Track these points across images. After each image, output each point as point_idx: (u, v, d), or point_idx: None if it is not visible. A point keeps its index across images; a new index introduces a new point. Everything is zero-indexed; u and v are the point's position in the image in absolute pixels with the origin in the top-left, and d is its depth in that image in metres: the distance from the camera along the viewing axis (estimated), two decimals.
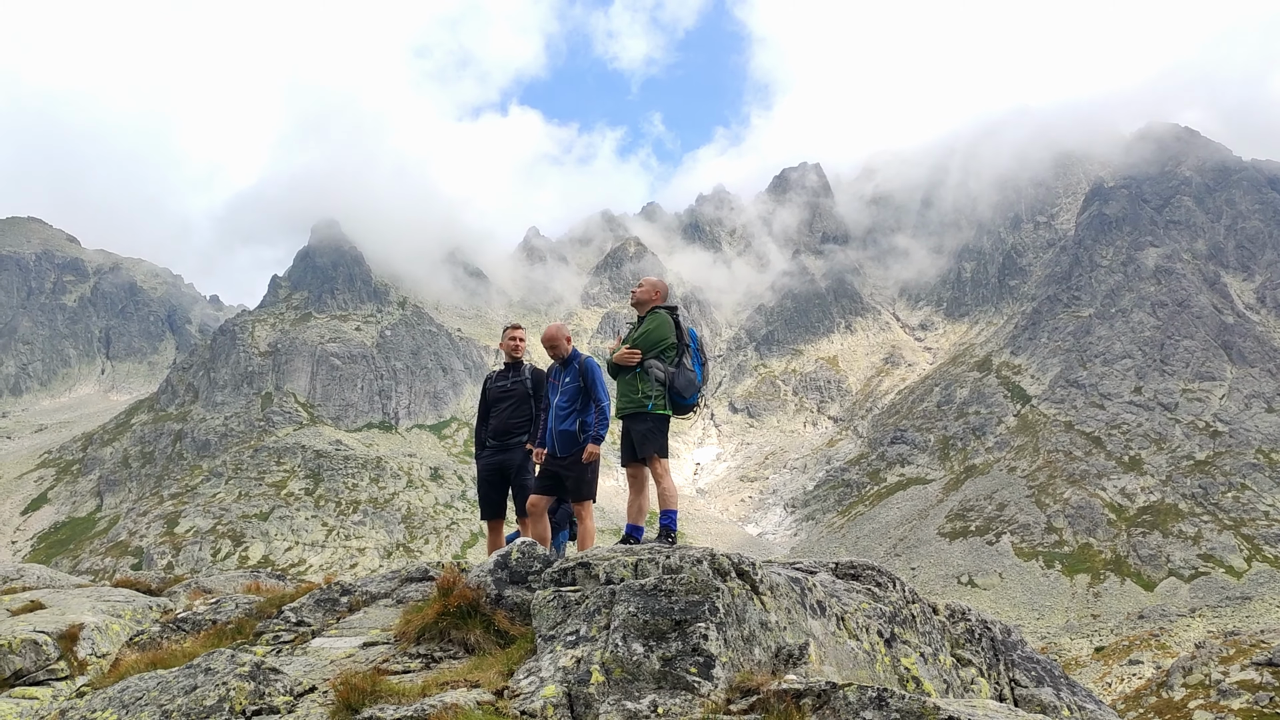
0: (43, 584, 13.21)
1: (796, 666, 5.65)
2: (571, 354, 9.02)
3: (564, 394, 8.78)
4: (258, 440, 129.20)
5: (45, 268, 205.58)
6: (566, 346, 9.01)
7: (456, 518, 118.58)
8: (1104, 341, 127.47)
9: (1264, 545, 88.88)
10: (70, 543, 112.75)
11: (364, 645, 6.64)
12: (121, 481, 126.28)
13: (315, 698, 5.66)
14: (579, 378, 8.73)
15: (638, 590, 5.55)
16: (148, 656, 7.43)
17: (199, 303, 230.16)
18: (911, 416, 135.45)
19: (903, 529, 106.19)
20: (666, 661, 5.22)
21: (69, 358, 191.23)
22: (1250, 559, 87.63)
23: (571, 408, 8.70)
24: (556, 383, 8.96)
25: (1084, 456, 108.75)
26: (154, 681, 5.92)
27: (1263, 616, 75.17)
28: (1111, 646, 72.74)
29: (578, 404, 8.70)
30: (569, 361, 8.95)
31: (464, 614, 6.44)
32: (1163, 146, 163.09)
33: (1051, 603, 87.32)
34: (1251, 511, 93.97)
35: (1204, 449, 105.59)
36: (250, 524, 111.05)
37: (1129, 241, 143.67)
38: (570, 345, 9.04)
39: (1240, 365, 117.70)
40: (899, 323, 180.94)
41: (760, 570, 6.07)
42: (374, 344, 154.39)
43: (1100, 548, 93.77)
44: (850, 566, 8.06)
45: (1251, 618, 75.01)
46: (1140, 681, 53.97)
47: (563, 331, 9.11)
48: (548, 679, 5.29)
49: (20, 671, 8.50)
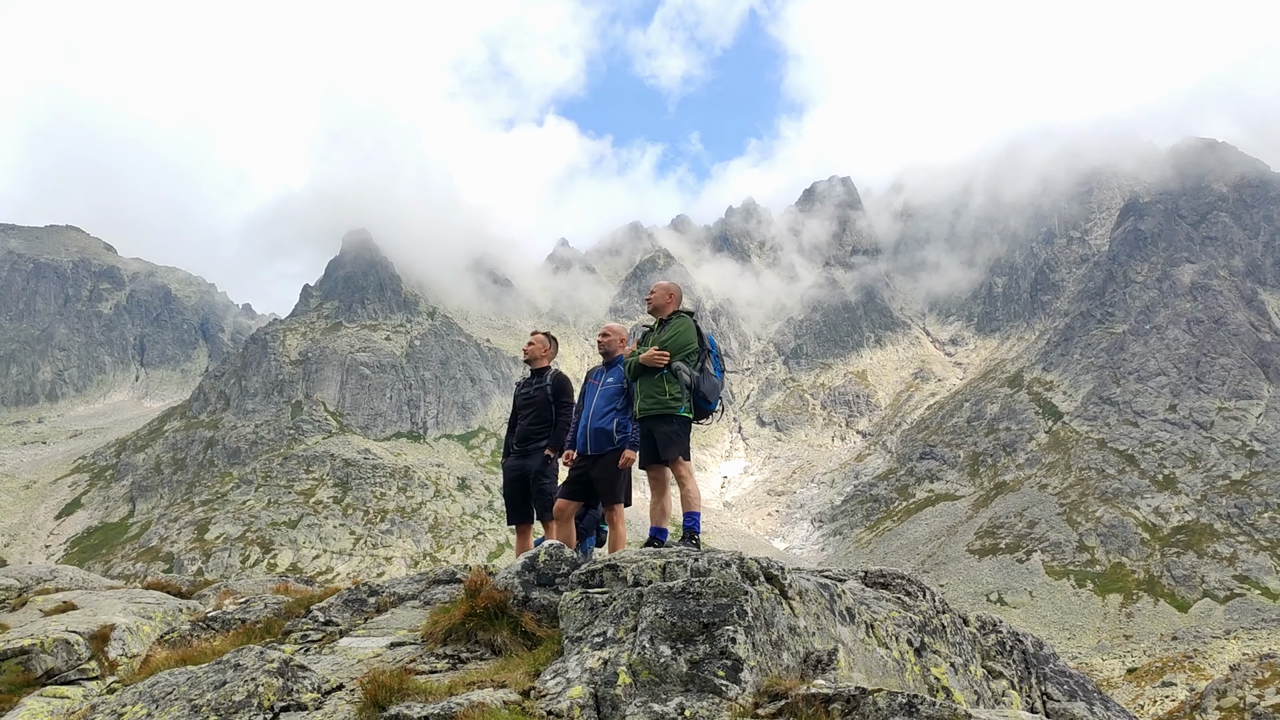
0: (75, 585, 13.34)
1: (825, 672, 5.60)
2: (618, 357, 9.04)
3: (604, 394, 8.79)
4: (287, 448, 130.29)
5: (82, 276, 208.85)
6: (619, 348, 9.04)
7: (483, 528, 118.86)
8: (1138, 358, 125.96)
9: None
10: (102, 548, 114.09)
11: (391, 645, 6.65)
12: (153, 488, 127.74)
13: (343, 695, 5.68)
14: (623, 380, 8.75)
15: (665, 592, 5.53)
16: (178, 654, 7.49)
17: (231, 311, 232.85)
18: (941, 432, 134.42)
19: (931, 545, 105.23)
20: (694, 664, 5.19)
21: (104, 365, 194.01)
22: None
23: (610, 407, 8.70)
24: (597, 383, 8.98)
25: (1117, 475, 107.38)
26: (184, 677, 5.96)
27: None
28: (1144, 668, 71.58)
29: (617, 404, 8.72)
30: (614, 362, 8.99)
31: (491, 615, 6.44)
32: (1198, 161, 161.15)
33: (1083, 622, 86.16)
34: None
35: (1240, 468, 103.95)
36: (279, 531, 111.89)
37: (1164, 257, 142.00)
38: (625, 348, 9.06)
39: (1278, 384, 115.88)
40: (929, 337, 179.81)
41: (789, 575, 6.02)
42: (403, 354, 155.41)
43: (1133, 567, 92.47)
44: (880, 575, 7.98)
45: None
46: (1173, 704, 53.04)
47: (621, 333, 9.17)
48: (574, 680, 5.27)
49: (52, 671, 8.59)
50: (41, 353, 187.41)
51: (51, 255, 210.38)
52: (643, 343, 8.40)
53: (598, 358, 9.33)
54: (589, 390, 9.02)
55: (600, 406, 8.72)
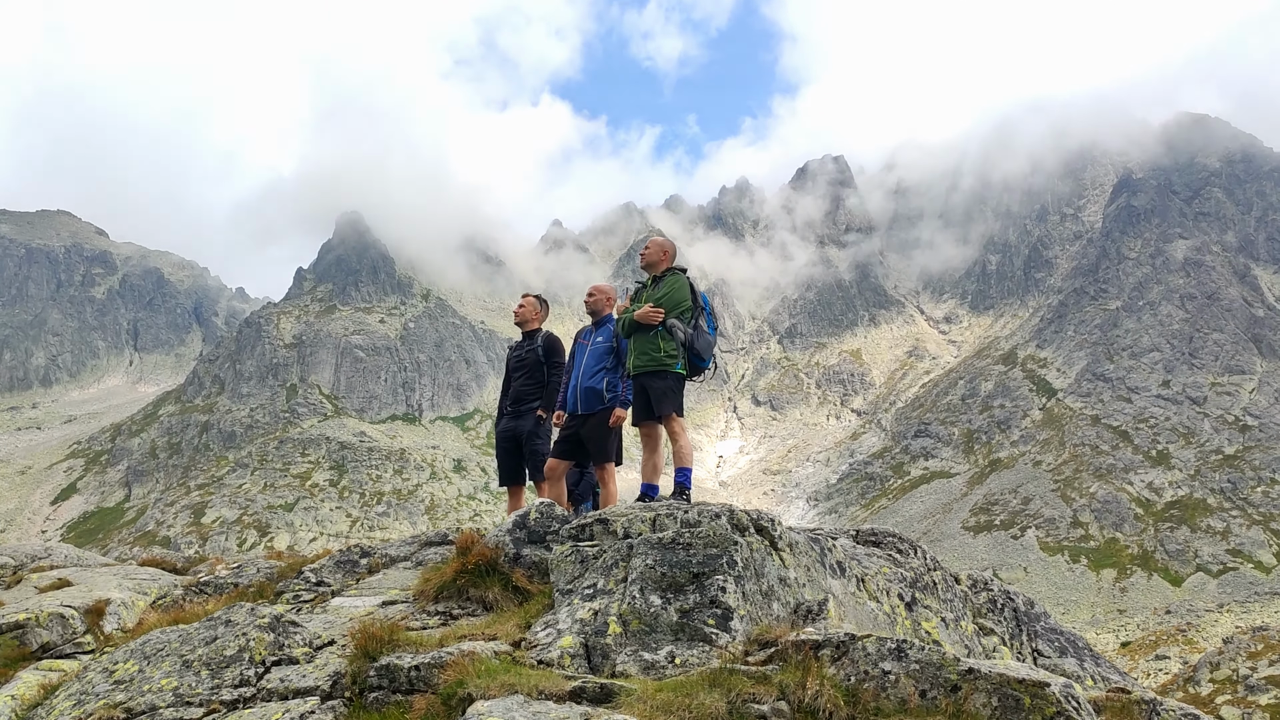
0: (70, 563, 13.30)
1: (815, 622, 5.62)
2: (606, 316, 9.03)
3: (593, 353, 8.81)
4: (283, 432, 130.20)
5: (74, 260, 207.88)
6: (607, 307, 9.04)
7: (480, 509, 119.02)
8: (1131, 335, 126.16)
9: None
10: (99, 532, 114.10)
11: (383, 604, 6.66)
12: (149, 472, 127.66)
13: (334, 650, 5.69)
14: (612, 338, 8.75)
15: (655, 543, 5.53)
16: (170, 615, 7.50)
17: (225, 294, 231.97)
18: (935, 410, 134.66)
19: (926, 523, 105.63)
20: (684, 614, 5.20)
21: (98, 349, 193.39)
22: (1279, 554, 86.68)
23: (600, 366, 8.71)
24: (586, 342, 8.99)
25: (1111, 450, 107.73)
26: (175, 634, 5.97)
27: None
28: (1138, 641, 72.12)
29: (607, 363, 8.72)
30: (603, 322, 8.99)
31: (482, 572, 6.45)
32: (1189, 137, 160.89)
33: (1077, 597, 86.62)
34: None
35: (1233, 443, 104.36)
36: (275, 514, 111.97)
37: (1157, 234, 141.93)
38: (614, 307, 9.05)
39: (1270, 359, 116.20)
40: (923, 315, 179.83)
41: (779, 527, 6.03)
42: (398, 336, 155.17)
43: (1127, 542, 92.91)
44: (871, 534, 8.00)
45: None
46: (1167, 677, 53.45)
47: (609, 292, 9.17)
48: (565, 630, 5.29)
49: (47, 645, 8.58)
50: (35, 338, 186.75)
51: (43, 240, 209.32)
52: (636, 299, 8.36)
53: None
54: (578, 350, 9.03)
55: (590, 365, 8.73)
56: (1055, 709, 4.43)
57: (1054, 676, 4.98)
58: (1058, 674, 7.86)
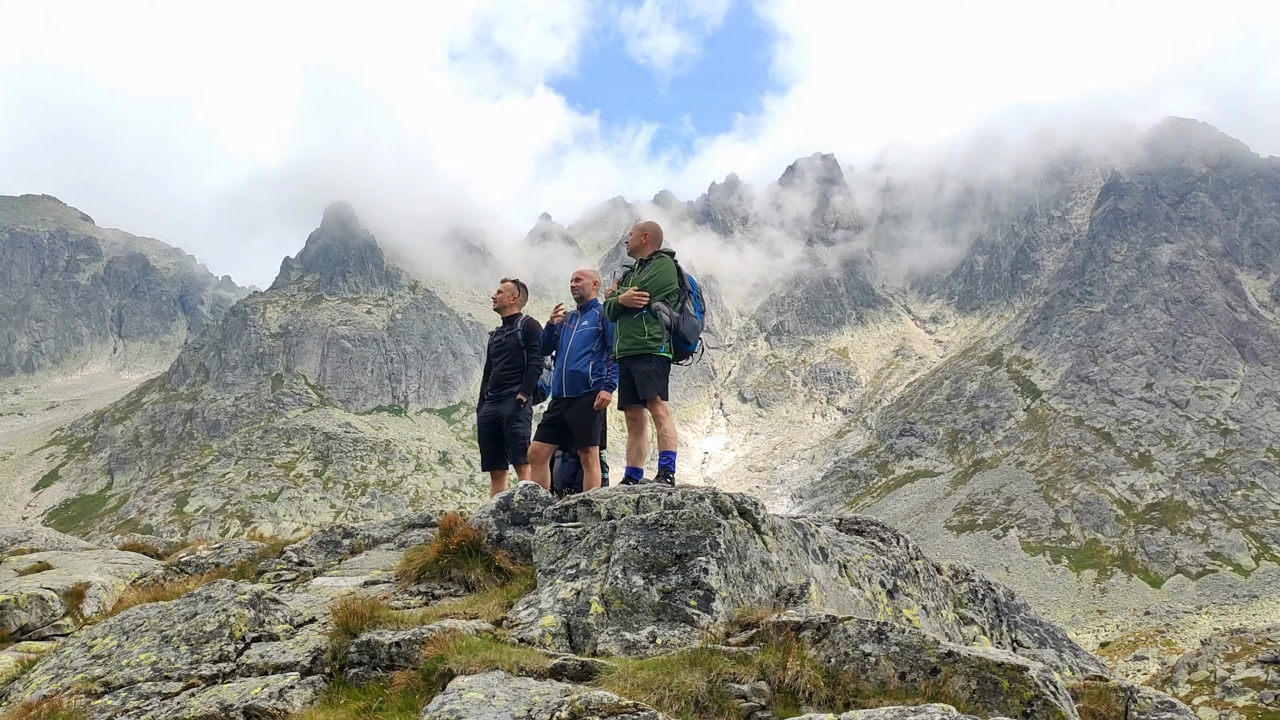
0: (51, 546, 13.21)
1: (797, 605, 5.63)
2: (591, 301, 9.04)
3: (579, 336, 8.83)
4: (267, 421, 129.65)
5: (59, 246, 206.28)
6: (593, 291, 9.07)
7: (464, 502, 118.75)
8: (1116, 337, 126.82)
9: (1272, 544, 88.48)
10: (80, 519, 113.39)
11: (365, 584, 6.65)
12: (132, 460, 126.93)
13: (315, 627, 5.68)
14: (598, 322, 8.77)
15: (639, 524, 5.54)
16: (150, 593, 7.46)
17: (211, 283, 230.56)
18: (921, 409, 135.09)
19: (910, 521, 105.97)
20: (666, 594, 5.21)
21: (81, 336, 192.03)
22: (1258, 557, 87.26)
23: (585, 350, 8.73)
24: (572, 326, 9.01)
25: (1093, 452, 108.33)
26: (155, 610, 5.94)
27: (1269, 614, 74.84)
28: (1117, 642, 72.60)
29: (592, 346, 8.74)
30: (588, 306, 9.01)
31: (465, 553, 6.45)
32: (1176, 142, 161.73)
33: (1058, 597, 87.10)
34: (1260, 510, 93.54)
35: (1214, 447, 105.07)
36: (259, 504, 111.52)
37: (1143, 237, 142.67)
38: (598, 291, 9.09)
39: (1253, 363, 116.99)
40: (910, 315, 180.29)
41: (762, 511, 6.04)
42: (384, 327, 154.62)
43: (1108, 544, 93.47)
44: (854, 522, 8.03)
45: (1258, 616, 74.72)
46: (1145, 677, 53.78)
47: (594, 276, 9.21)
48: (547, 610, 5.29)
49: (26, 627, 8.52)
50: (18, 323, 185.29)
51: (28, 225, 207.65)
52: (623, 283, 8.34)
53: None
54: (564, 334, 9.04)
55: (576, 349, 8.74)
56: (1033, 692, 4.46)
57: (1032, 661, 5.01)
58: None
